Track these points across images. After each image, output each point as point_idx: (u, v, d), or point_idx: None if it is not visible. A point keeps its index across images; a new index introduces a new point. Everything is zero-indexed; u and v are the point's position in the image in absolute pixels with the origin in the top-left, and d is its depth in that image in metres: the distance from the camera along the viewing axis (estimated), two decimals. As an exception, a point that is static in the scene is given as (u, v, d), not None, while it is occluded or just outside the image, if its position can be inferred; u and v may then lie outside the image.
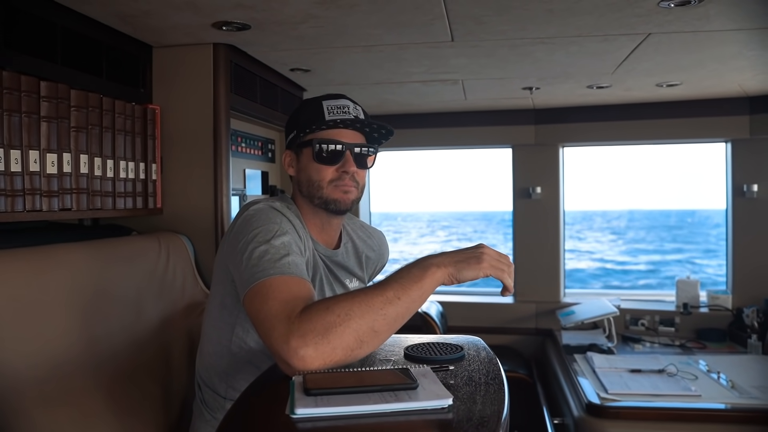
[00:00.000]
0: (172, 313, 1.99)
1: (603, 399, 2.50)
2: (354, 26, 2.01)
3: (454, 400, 0.98)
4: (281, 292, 1.18)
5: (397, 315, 1.15)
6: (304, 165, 1.51)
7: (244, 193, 2.67)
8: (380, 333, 1.13)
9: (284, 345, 1.08)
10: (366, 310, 1.12)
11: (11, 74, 1.56)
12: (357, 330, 1.10)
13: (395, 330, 1.17)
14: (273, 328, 1.12)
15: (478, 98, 3.47)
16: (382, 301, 1.14)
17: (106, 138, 1.93)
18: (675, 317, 3.67)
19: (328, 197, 1.48)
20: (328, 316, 1.10)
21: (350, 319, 1.10)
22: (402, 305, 1.15)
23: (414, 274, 1.19)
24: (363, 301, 1.13)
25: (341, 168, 1.47)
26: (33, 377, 1.43)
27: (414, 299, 1.17)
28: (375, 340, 1.13)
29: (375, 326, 1.12)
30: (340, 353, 1.09)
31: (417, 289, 1.17)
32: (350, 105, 1.51)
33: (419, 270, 1.20)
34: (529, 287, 3.97)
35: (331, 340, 1.08)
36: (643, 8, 1.84)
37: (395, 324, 1.16)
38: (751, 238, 3.64)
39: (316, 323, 1.09)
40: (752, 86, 3.19)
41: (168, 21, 1.93)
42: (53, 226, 1.93)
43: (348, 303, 1.13)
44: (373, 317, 1.12)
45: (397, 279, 1.18)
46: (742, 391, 2.55)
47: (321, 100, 1.50)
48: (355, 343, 1.10)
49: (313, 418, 0.92)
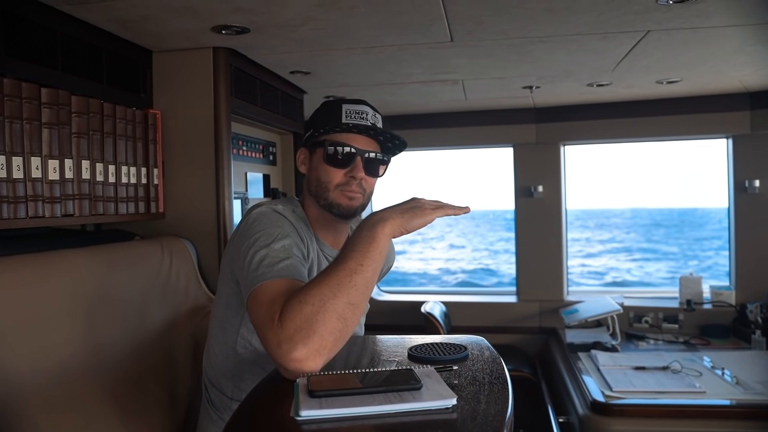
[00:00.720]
0: (176, 317, 2.00)
1: (608, 397, 2.49)
2: (353, 28, 2.01)
3: (458, 399, 0.98)
4: (270, 295, 1.19)
5: (366, 281, 1.16)
6: (315, 164, 1.52)
7: (246, 197, 2.68)
8: (358, 304, 1.14)
9: (278, 350, 1.09)
10: (336, 288, 1.13)
11: (12, 81, 1.57)
12: (336, 310, 1.11)
13: (369, 295, 1.18)
14: (265, 336, 1.13)
15: (479, 98, 3.47)
16: (347, 274, 1.15)
17: (108, 143, 1.93)
18: (678, 314, 3.66)
19: (333, 201, 1.49)
20: (305, 309, 1.10)
21: (325, 303, 1.11)
22: (367, 270, 1.16)
23: (365, 236, 1.20)
24: (330, 281, 1.14)
25: (350, 173, 1.48)
26: (38, 382, 1.43)
27: (375, 259, 1.18)
28: (356, 312, 1.14)
29: (350, 299, 1.13)
30: (329, 339, 1.10)
31: (374, 249, 1.18)
32: (369, 112, 1.51)
33: (369, 230, 1.20)
34: (532, 286, 3.97)
35: (316, 330, 1.09)
36: (642, 5, 1.84)
37: (367, 290, 1.17)
38: (754, 233, 3.64)
39: (297, 320, 1.10)
40: (752, 82, 3.19)
41: (167, 26, 1.94)
42: (56, 232, 1.93)
43: (317, 288, 1.13)
44: (346, 292, 1.13)
45: (353, 248, 1.19)
46: (746, 387, 2.54)
47: (342, 103, 1.51)
48: (339, 323, 1.11)
49: (317, 420, 0.92)
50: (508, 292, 4.20)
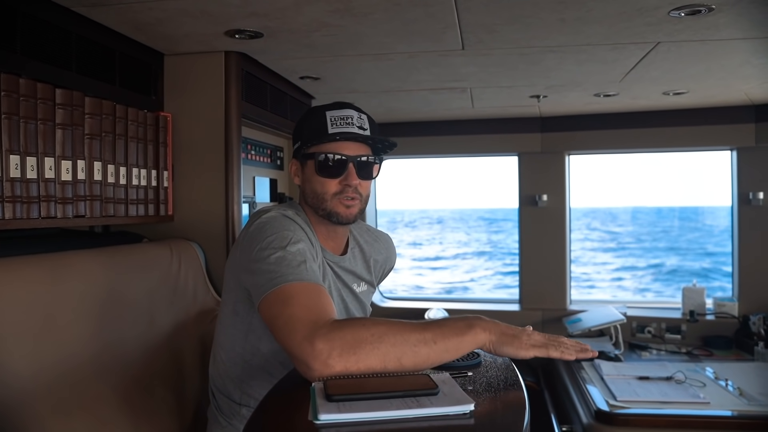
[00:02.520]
0: (184, 320, 2.00)
1: (612, 406, 2.49)
2: (366, 35, 2.02)
3: (475, 405, 0.98)
4: (304, 297, 1.19)
5: (427, 357, 1.14)
6: (308, 176, 1.52)
7: (253, 201, 2.68)
8: (405, 366, 1.13)
9: (308, 346, 1.09)
10: (400, 340, 1.12)
11: (27, 81, 1.57)
12: (385, 354, 1.11)
13: (419, 370, 1.16)
14: (295, 330, 1.12)
15: (485, 106, 3.47)
16: (417, 339, 1.13)
17: (119, 145, 1.94)
18: (681, 325, 3.66)
19: (331, 210, 1.48)
20: (362, 332, 1.11)
21: (382, 343, 1.11)
22: (435, 349, 1.14)
23: (458, 326, 1.19)
24: (399, 332, 1.13)
25: (344, 181, 1.47)
26: (48, 383, 1.44)
27: (448, 349, 1.16)
28: (397, 369, 1.13)
29: (403, 358, 1.12)
30: (361, 368, 1.10)
31: (455, 341, 1.17)
32: (354, 115, 1.49)
33: (465, 325, 1.19)
34: (535, 294, 3.96)
35: (357, 353, 1.09)
36: (654, 17, 1.85)
37: (422, 364, 1.15)
38: (758, 245, 3.64)
39: (348, 334, 1.10)
40: (758, 95, 3.20)
41: (182, 29, 1.95)
42: (65, 233, 1.94)
43: (385, 327, 1.13)
44: (404, 349, 1.12)
45: (441, 325, 1.18)
46: (750, 399, 2.54)
47: (325, 111, 1.49)
48: (378, 365, 1.10)
49: (336, 424, 0.93)
50: (511, 300, 4.20)
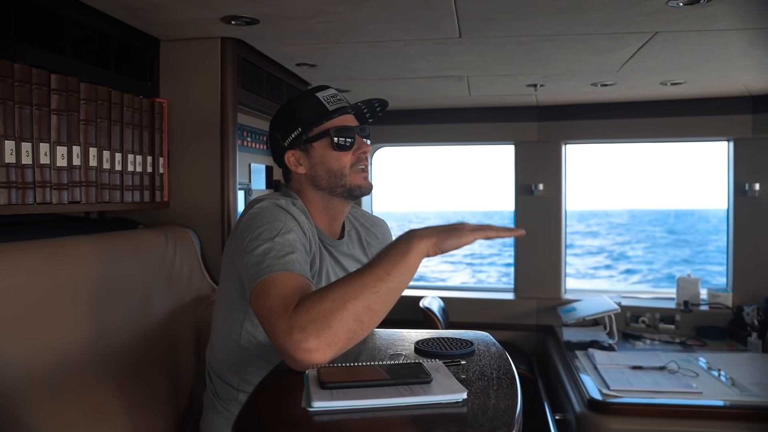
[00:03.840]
0: (180, 306, 2.00)
1: (605, 395, 2.51)
2: (363, 22, 2.01)
3: (468, 394, 0.99)
4: (283, 287, 1.20)
5: (389, 290, 1.17)
6: (319, 158, 1.54)
7: (249, 187, 2.68)
8: (377, 311, 1.16)
9: (287, 340, 1.10)
10: (359, 290, 1.14)
11: (23, 67, 1.56)
12: (354, 311, 1.12)
13: (390, 306, 1.19)
14: (275, 325, 1.14)
15: (482, 95, 3.47)
16: (373, 279, 1.16)
17: (115, 131, 1.93)
18: (675, 315, 3.68)
19: (352, 184, 1.54)
20: (324, 303, 1.12)
21: (346, 302, 1.12)
22: (393, 280, 1.17)
23: (399, 248, 1.21)
24: (355, 283, 1.16)
25: (357, 150, 1.54)
26: (43, 369, 1.44)
27: (403, 272, 1.18)
28: (373, 318, 1.16)
29: (371, 304, 1.14)
30: (342, 337, 1.11)
31: (404, 262, 1.19)
32: (337, 92, 1.58)
33: (404, 243, 1.21)
34: (530, 284, 3.98)
35: (331, 326, 1.10)
36: (652, 7, 1.85)
37: (389, 300, 1.18)
38: (752, 236, 3.66)
39: (313, 313, 1.11)
40: (756, 85, 3.20)
41: (178, 14, 1.93)
42: (61, 219, 1.93)
43: (341, 287, 1.15)
44: (368, 296, 1.14)
45: (384, 256, 1.20)
46: (742, 389, 2.56)
47: (314, 93, 1.55)
48: (354, 324, 1.12)
49: (329, 411, 0.93)
50: (506, 289, 4.21)
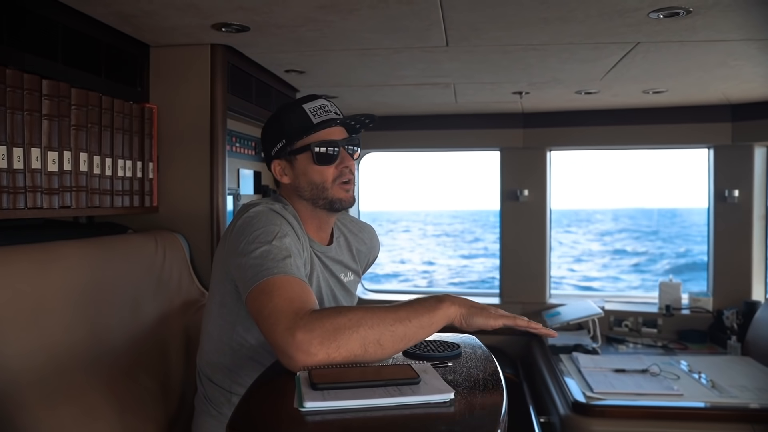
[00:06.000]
0: (169, 311, 2.01)
1: (589, 398, 2.56)
2: (352, 30, 2.04)
3: (455, 394, 1.02)
4: (286, 290, 1.23)
5: (404, 335, 1.19)
6: (302, 170, 1.55)
7: (238, 193, 2.69)
8: (384, 347, 1.18)
9: (289, 337, 1.13)
10: (377, 322, 1.17)
11: (14, 72, 1.57)
12: (364, 338, 1.15)
13: (398, 350, 1.22)
14: (277, 322, 1.16)
15: (469, 101, 3.51)
16: (393, 319, 1.19)
17: (105, 136, 1.94)
18: (657, 319, 3.74)
19: (333, 197, 1.54)
20: (340, 319, 1.15)
21: (360, 326, 1.15)
22: (411, 327, 1.20)
23: (429, 303, 1.24)
24: (375, 314, 1.18)
25: (340, 164, 1.54)
26: (35, 373, 1.45)
27: (423, 325, 1.21)
28: (378, 353, 1.18)
29: (381, 339, 1.17)
30: (343, 354, 1.14)
31: (428, 317, 1.22)
32: (327, 103, 1.57)
33: (435, 302, 1.25)
34: (515, 288, 4.02)
35: (337, 339, 1.13)
36: (634, 18, 1.90)
37: (400, 343, 1.20)
38: (732, 242, 3.73)
39: (326, 322, 1.14)
40: (735, 94, 3.28)
41: (169, 21, 1.95)
42: (50, 223, 1.94)
43: (361, 312, 1.18)
44: (382, 330, 1.17)
45: (413, 304, 1.24)
46: (722, 391, 2.62)
47: (301, 104, 1.55)
48: (359, 349, 1.15)
49: (321, 411, 0.96)
50: (491, 294, 4.26)
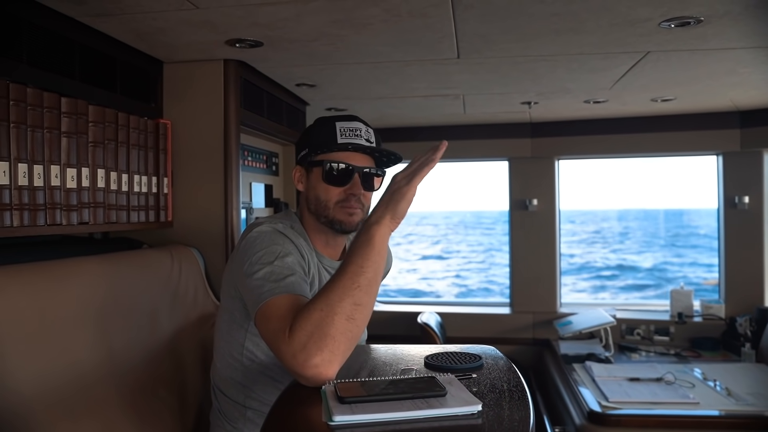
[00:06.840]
0: (185, 325, 2.02)
1: (604, 407, 2.55)
2: (365, 44, 2.06)
3: (483, 406, 1.02)
4: (278, 310, 1.24)
5: (369, 281, 1.21)
6: (313, 183, 1.55)
7: (250, 206, 2.70)
8: (364, 304, 1.19)
9: (294, 362, 1.13)
10: (341, 291, 1.18)
11: (35, 91, 1.59)
12: (343, 312, 1.16)
13: (375, 294, 1.23)
14: (279, 349, 1.17)
15: (477, 112, 3.53)
16: (350, 277, 1.20)
17: (121, 152, 1.96)
18: (670, 326, 3.73)
19: (333, 217, 1.53)
20: (314, 315, 1.16)
21: (333, 306, 1.16)
22: (368, 271, 1.21)
23: (363, 240, 1.24)
24: (334, 286, 1.19)
25: (349, 190, 1.52)
26: (53, 389, 1.45)
27: (374, 260, 1.22)
28: (364, 312, 1.19)
29: (356, 300, 1.18)
30: (342, 339, 1.14)
31: (371, 250, 1.23)
32: (363, 128, 1.54)
33: (365, 235, 1.25)
34: (526, 298, 4.02)
35: (328, 333, 1.14)
36: (645, 28, 1.91)
37: (372, 290, 1.21)
38: (743, 248, 3.72)
39: (307, 328, 1.14)
40: (743, 101, 3.28)
41: (183, 38, 1.97)
42: (67, 239, 1.95)
43: (324, 295, 1.19)
44: (351, 293, 1.18)
45: (351, 254, 1.24)
46: (738, 398, 2.61)
47: (335, 121, 1.54)
48: (348, 323, 1.16)
49: (350, 425, 0.96)
50: (502, 304, 4.25)
